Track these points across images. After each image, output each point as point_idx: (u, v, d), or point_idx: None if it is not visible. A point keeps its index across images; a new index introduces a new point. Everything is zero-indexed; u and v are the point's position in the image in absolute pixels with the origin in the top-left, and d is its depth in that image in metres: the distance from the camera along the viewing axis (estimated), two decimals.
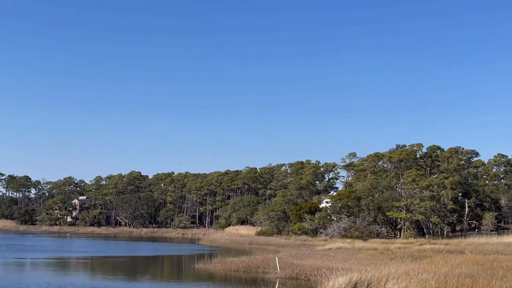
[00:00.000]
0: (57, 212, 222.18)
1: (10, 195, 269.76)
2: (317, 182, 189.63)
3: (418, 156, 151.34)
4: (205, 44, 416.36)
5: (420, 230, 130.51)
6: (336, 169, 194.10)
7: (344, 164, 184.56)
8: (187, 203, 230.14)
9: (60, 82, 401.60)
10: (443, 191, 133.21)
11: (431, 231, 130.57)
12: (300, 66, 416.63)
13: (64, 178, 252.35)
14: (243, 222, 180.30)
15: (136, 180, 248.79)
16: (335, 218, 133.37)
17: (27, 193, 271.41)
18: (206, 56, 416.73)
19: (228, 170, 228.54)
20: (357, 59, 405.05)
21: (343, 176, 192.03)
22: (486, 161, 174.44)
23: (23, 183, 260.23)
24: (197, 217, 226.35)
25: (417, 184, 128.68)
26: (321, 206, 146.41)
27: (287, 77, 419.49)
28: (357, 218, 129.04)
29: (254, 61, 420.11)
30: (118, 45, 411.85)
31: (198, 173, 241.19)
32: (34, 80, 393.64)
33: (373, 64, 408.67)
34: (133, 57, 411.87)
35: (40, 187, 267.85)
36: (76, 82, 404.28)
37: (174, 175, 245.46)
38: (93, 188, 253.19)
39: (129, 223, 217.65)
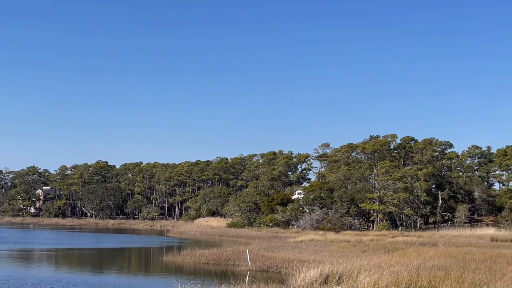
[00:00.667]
0: (20, 203, 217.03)
1: None
2: (289, 173, 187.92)
3: (392, 147, 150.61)
4: (179, 31, 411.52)
5: (393, 222, 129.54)
6: (309, 159, 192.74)
7: (317, 154, 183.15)
8: (155, 194, 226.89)
9: (24, 70, 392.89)
10: (417, 182, 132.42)
11: (404, 223, 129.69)
12: (274, 56, 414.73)
13: (27, 167, 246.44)
14: (213, 213, 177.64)
15: (102, 170, 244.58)
16: (307, 210, 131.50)
17: None
18: (182, 45, 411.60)
19: (199, 160, 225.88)
20: (331, 50, 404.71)
21: (316, 167, 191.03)
22: (460, 153, 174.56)
23: None
24: (166, 209, 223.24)
25: (391, 175, 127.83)
26: (293, 197, 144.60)
27: (261, 66, 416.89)
28: (330, 210, 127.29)
29: (224, 50, 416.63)
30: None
31: (167, 163, 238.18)
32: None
33: (346, 55, 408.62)
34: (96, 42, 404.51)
35: (2, 177, 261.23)
36: (43, 70, 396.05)
37: (142, 165, 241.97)
38: (58, 178, 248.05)
39: (95, 214, 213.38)
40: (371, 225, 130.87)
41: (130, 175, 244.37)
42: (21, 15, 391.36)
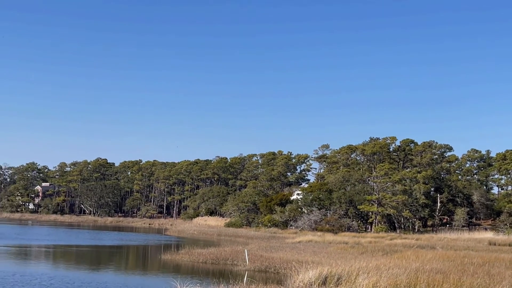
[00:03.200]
0: (18, 199, 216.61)
1: None
2: (288, 173, 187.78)
3: (391, 149, 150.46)
4: (184, 30, 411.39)
5: (392, 224, 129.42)
6: (308, 160, 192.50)
7: (316, 156, 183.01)
8: (154, 192, 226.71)
9: (26, 64, 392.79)
10: (416, 185, 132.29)
11: (403, 226, 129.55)
12: (277, 57, 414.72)
13: (26, 164, 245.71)
14: (212, 213, 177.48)
15: (102, 168, 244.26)
16: (306, 211, 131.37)
17: None
18: (184, 42, 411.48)
19: (198, 159, 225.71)
20: (336, 54, 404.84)
21: (315, 168, 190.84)
22: (459, 156, 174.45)
23: None
24: (164, 207, 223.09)
25: (390, 177, 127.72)
26: (292, 198, 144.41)
27: (261, 67, 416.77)
28: (328, 211, 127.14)
29: (225, 49, 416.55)
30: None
31: (166, 162, 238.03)
32: None
33: (349, 58, 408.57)
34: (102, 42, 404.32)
35: (1, 172, 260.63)
36: (43, 65, 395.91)
37: (141, 163, 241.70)
38: (57, 175, 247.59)
39: (94, 212, 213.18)
40: (370, 227, 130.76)
41: (129, 173, 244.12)
42: (21, 8, 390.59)
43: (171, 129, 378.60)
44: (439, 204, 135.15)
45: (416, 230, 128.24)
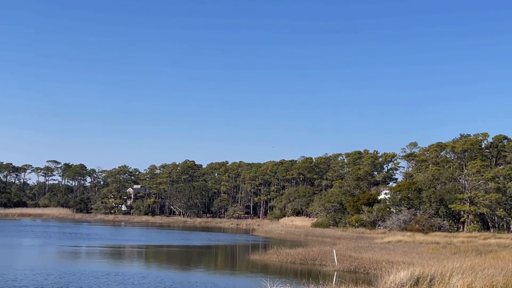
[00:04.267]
0: (112, 201, 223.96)
1: (65, 183, 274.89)
2: (375, 172, 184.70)
3: (483, 146, 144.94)
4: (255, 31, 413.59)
5: (485, 224, 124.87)
6: (395, 159, 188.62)
7: (404, 154, 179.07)
8: (241, 193, 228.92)
9: (109, 68, 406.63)
10: (510, 182, 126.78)
11: (496, 225, 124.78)
12: (360, 52, 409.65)
13: (118, 167, 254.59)
14: (298, 213, 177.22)
15: (190, 169, 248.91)
16: (394, 210, 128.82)
17: (83, 182, 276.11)
18: (254, 41, 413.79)
19: (283, 159, 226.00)
20: (409, 50, 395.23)
21: (403, 167, 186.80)
22: None
23: (78, 171, 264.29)
24: (251, 207, 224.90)
25: (482, 175, 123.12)
26: (379, 197, 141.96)
27: (342, 62, 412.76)
28: (418, 211, 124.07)
29: (303, 49, 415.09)
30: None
31: (252, 163, 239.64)
32: (82, 68, 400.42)
33: (432, 53, 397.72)
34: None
35: (95, 176, 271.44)
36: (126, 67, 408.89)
37: (228, 165, 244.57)
38: (147, 177, 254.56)
39: (183, 213, 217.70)
40: (461, 226, 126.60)
41: (216, 174, 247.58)
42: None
43: (256, 131, 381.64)
44: None
45: (510, 229, 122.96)
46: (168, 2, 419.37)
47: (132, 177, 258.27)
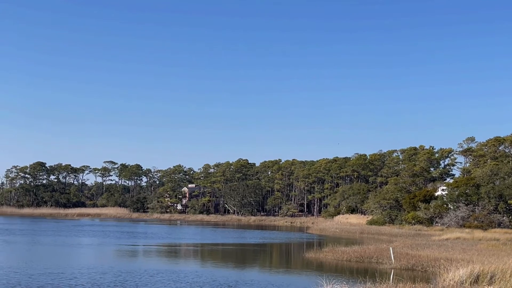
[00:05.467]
0: (167, 200, 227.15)
1: (122, 183, 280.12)
2: (431, 169, 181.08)
3: None
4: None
5: None
6: (452, 155, 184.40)
7: (461, 149, 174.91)
8: (294, 191, 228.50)
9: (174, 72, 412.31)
10: None
11: None
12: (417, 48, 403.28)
13: (173, 166, 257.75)
14: (352, 210, 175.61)
15: (243, 168, 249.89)
16: (451, 207, 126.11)
17: (139, 181, 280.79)
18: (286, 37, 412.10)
19: (337, 157, 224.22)
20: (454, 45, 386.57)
21: (460, 163, 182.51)
22: None
23: (134, 171, 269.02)
24: (305, 205, 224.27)
25: None
26: (436, 194, 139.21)
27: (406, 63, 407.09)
28: (476, 207, 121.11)
29: (350, 45, 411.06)
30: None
31: (305, 161, 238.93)
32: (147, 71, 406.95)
33: (492, 47, 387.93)
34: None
35: (151, 175, 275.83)
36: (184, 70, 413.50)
37: (281, 163, 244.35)
38: (202, 176, 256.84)
39: (237, 211, 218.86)
40: None
41: (269, 173, 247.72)
42: None
43: (308, 130, 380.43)
44: None
45: None
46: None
47: (187, 177, 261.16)
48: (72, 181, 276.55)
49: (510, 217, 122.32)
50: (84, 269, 46.34)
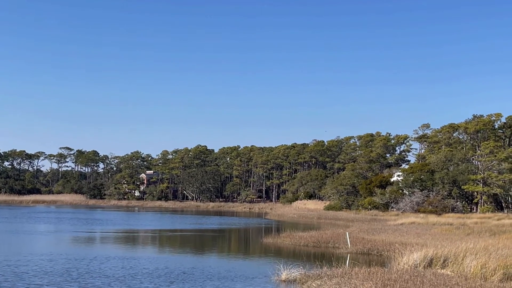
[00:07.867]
0: (125, 187, 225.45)
1: (78, 170, 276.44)
2: (387, 155, 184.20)
3: (496, 126, 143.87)
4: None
5: (498, 204, 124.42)
6: (408, 141, 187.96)
7: (416, 136, 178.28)
8: (253, 177, 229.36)
9: (119, 56, 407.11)
10: None
11: (510, 205, 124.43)
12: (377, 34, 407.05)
13: (131, 153, 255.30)
14: (310, 196, 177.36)
15: (202, 154, 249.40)
16: (407, 192, 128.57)
17: (95, 168, 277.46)
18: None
19: (295, 143, 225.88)
20: (424, 32, 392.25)
21: (415, 149, 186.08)
22: None
23: (91, 157, 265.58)
24: (263, 191, 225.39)
25: (495, 156, 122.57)
26: (392, 179, 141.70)
27: (358, 48, 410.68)
28: (431, 192, 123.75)
29: (326, 31, 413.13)
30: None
31: (264, 147, 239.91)
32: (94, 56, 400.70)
33: (444, 34, 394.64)
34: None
35: (108, 162, 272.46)
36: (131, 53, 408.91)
37: (240, 149, 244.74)
38: (160, 163, 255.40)
39: (196, 197, 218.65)
40: (475, 207, 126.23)
41: (228, 159, 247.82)
42: None
43: (267, 114, 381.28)
44: None
45: None
46: None
47: (145, 163, 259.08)
48: (27, 168, 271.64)
49: (463, 202, 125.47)
50: (32, 256, 45.28)
